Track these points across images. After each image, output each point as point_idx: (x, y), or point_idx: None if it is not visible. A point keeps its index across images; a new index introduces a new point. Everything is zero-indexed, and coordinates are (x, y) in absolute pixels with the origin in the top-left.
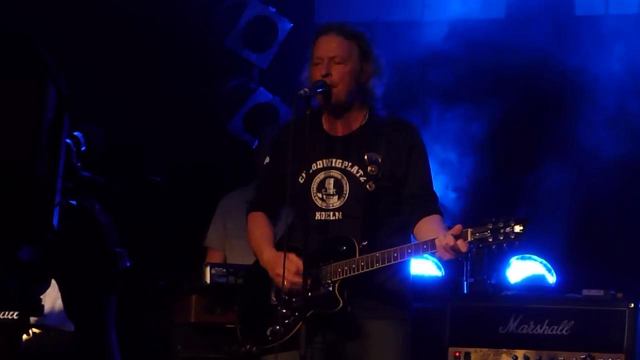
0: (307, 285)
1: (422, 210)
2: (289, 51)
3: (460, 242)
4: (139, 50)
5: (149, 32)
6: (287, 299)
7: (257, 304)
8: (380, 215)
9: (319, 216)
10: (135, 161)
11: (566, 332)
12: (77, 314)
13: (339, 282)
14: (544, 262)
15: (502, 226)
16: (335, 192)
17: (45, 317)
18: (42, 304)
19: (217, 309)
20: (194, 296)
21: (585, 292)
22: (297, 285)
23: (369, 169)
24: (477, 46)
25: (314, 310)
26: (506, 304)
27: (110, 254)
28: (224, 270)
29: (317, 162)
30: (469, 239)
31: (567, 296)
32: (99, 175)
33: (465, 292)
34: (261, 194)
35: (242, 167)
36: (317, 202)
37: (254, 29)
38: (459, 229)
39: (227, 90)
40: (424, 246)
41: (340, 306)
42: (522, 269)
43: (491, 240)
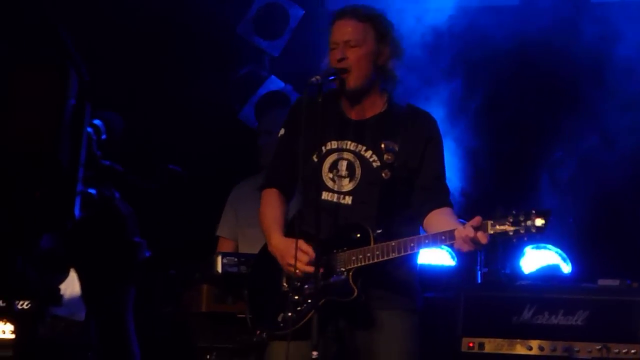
0: (320, 272)
1: (434, 202)
2: (300, 39)
3: (480, 234)
4: (152, 39)
5: (161, 21)
6: (299, 285)
7: (267, 289)
8: (394, 204)
9: (327, 196)
10: (145, 150)
11: (581, 322)
12: (95, 303)
13: (354, 270)
14: (559, 251)
15: (523, 219)
16: (347, 175)
17: (58, 306)
18: (61, 293)
19: (229, 299)
20: (205, 286)
21: (600, 282)
22: (309, 274)
23: (386, 157)
24: (490, 34)
25: (328, 298)
26: (520, 294)
27: (129, 244)
28: (235, 259)
29: (332, 142)
30: (489, 231)
31: (583, 286)
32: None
33: (479, 281)
34: (275, 168)
35: (253, 156)
36: (327, 183)
37: (265, 16)
38: (478, 220)
39: (238, 78)
40: (442, 237)
41: (354, 295)
42: (537, 259)
43: (512, 233)
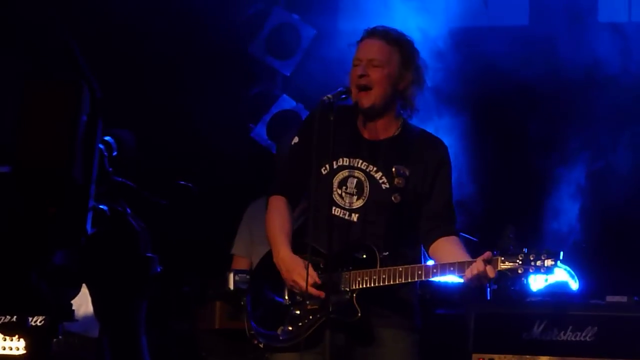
0: (324, 291)
1: (442, 229)
2: (312, 58)
3: (489, 268)
4: (165, 56)
5: (174, 40)
6: (301, 300)
7: (268, 301)
8: (400, 227)
9: (335, 212)
10: (162, 166)
11: (590, 338)
12: (108, 319)
13: (358, 291)
14: (567, 268)
15: (533, 258)
16: (355, 192)
17: (69, 323)
18: (73, 309)
19: (242, 316)
20: (218, 302)
21: (608, 299)
22: (311, 296)
23: (396, 181)
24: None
25: (329, 316)
26: (530, 311)
27: (142, 259)
28: (248, 276)
29: (344, 159)
30: (499, 268)
31: (591, 302)
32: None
33: (488, 298)
34: (284, 175)
35: (267, 175)
36: (335, 198)
37: (277, 36)
38: (489, 255)
39: (251, 97)
40: (451, 268)
41: (357, 316)
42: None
43: (521, 271)
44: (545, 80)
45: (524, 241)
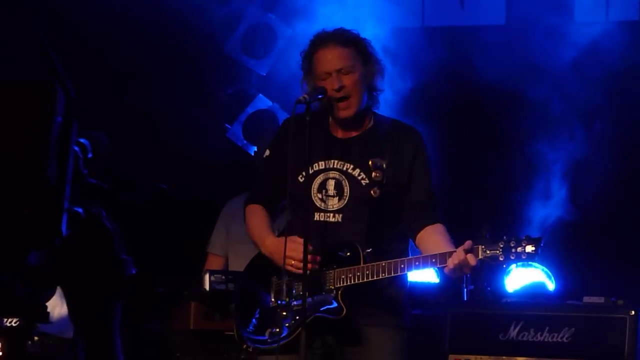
0: (309, 289)
1: (426, 218)
2: (288, 58)
3: (470, 257)
4: (139, 56)
5: (149, 40)
6: (287, 301)
7: (255, 304)
8: (383, 221)
9: (318, 217)
10: (137, 168)
11: (567, 339)
12: (82, 320)
13: (343, 288)
14: (544, 269)
15: (514, 245)
16: (335, 194)
17: (46, 324)
18: (48, 310)
19: (216, 316)
20: (193, 303)
21: (585, 299)
22: (301, 269)
23: (374, 174)
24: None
25: (316, 315)
26: (506, 311)
27: (116, 261)
28: (223, 277)
29: (319, 163)
30: (480, 256)
31: (568, 303)
32: (104, 182)
33: (465, 299)
34: (259, 187)
35: (242, 174)
36: (316, 203)
37: (253, 35)
38: (469, 244)
39: (226, 96)
40: (433, 260)
41: (343, 313)
42: (522, 276)
43: (502, 259)
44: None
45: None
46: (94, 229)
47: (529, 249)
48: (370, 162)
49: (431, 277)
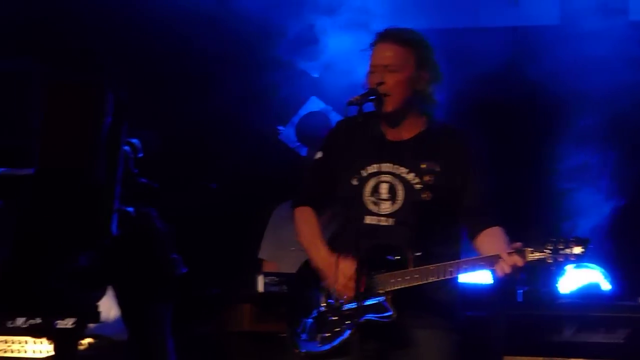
0: (360, 293)
1: (484, 221)
2: (340, 59)
3: (517, 259)
4: (192, 58)
5: (201, 42)
6: (338, 305)
7: (306, 308)
8: (434, 225)
9: (370, 220)
10: (190, 169)
11: (622, 340)
12: (133, 320)
13: (393, 292)
14: (600, 269)
15: (562, 247)
16: (388, 197)
17: (99, 326)
18: (99, 310)
19: (270, 318)
20: (247, 305)
21: None
22: (349, 291)
23: (426, 178)
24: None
25: (366, 319)
26: (561, 313)
27: (166, 260)
28: (277, 279)
29: (372, 166)
30: (528, 258)
31: (624, 304)
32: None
33: (519, 300)
34: (309, 188)
35: (295, 177)
36: (368, 206)
37: (306, 37)
38: (517, 247)
39: (279, 99)
40: (481, 262)
41: (393, 316)
42: (577, 277)
43: (550, 261)
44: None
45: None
46: (145, 228)
47: (577, 250)
48: (423, 166)
49: (486, 278)
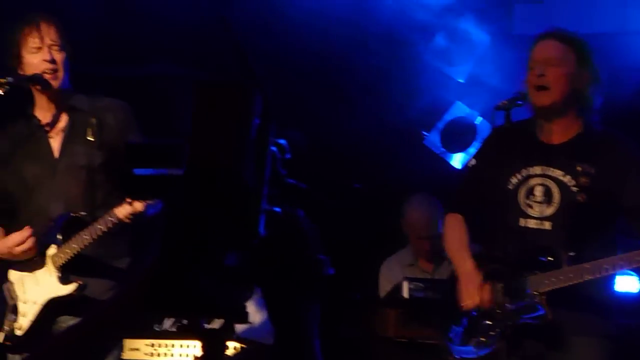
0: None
1: None
2: (486, 65)
3: None
4: (338, 61)
5: (347, 45)
6: (490, 309)
7: (459, 313)
8: (588, 228)
9: (524, 222)
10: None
11: None
12: (281, 321)
13: (546, 293)
14: None
15: None
16: (543, 200)
17: (246, 329)
18: (247, 311)
19: (415, 324)
20: (392, 310)
21: None
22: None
23: (582, 180)
24: None
25: (520, 322)
26: None
27: (313, 261)
28: (422, 284)
29: (527, 169)
30: None
31: None
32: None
33: None
34: (462, 195)
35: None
36: (523, 209)
37: (451, 42)
38: None
39: (424, 104)
40: (637, 258)
41: (547, 318)
42: None
43: None
44: None
45: None
46: (292, 229)
47: None
48: (578, 168)
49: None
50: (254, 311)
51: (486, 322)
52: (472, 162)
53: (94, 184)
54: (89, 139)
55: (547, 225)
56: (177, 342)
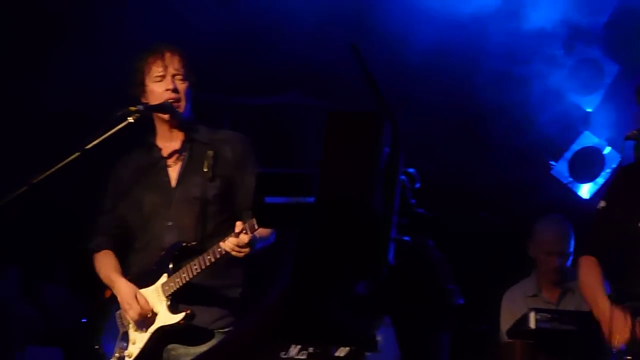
0: None
1: None
2: (616, 94)
3: None
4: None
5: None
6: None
7: (597, 348)
8: None
9: None
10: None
11: None
12: (409, 351)
13: None
14: None
15: None
16: None
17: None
18: (377, 339)
19: (542, 355)
20: (518, 341)
21: None
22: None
23: None
24: None
25: None
26: None
27: (443, 290)
28: (549, 315)
29: None
30: None
31: None
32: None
33: None
34: (594, 237)
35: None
36: None
37: (580, 71)
38: None
39: (551, 133)
40: None
41: None
42: None
43: None
44: None
45: None
46: (421, 258)
47: None
48: None
49: None
50: (383, 340)
51: (627, 358)
52: (602, 204)
53: (206, 215)
54: (205, 170)
55: None
56: None
